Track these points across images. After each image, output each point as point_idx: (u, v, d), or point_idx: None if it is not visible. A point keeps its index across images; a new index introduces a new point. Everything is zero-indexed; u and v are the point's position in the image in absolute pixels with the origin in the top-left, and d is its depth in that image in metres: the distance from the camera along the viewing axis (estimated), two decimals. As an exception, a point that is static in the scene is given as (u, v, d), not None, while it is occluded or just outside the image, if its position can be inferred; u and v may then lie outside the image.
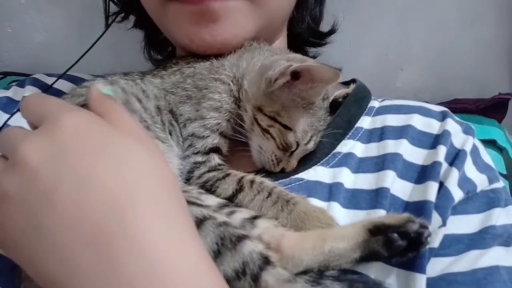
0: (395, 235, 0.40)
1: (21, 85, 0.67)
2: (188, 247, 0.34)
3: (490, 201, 0.48)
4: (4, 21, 1.03)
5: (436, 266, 0.44)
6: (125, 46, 0.84)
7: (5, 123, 0.60)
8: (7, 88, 0.68)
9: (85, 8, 1.00)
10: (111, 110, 0.39)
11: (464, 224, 0.46)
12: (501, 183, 0.51)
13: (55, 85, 0.67)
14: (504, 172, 0.84)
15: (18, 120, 0.58)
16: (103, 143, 0.35)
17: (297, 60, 0.49)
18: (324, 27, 0.76)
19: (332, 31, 0.75)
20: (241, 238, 0.39)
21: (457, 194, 0.47)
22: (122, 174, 0.34)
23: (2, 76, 1.03)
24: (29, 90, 0.66)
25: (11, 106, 0.63)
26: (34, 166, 0.33)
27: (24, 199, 0.33)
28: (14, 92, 0.66)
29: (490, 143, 0.85)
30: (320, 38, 0.75)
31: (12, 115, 0.60)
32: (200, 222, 0.40)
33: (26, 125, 0.41)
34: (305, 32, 0.71)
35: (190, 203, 0.41)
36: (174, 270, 0.31)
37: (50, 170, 0.33)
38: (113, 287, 0.30)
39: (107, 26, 0.71)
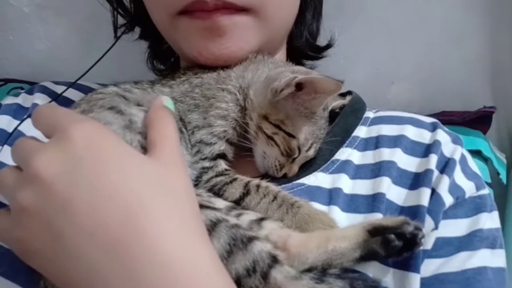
0: (392, 236, 0.43)
1: (30, 92, 0.69)
2: (200, 251, 0.36)
3: (477, 206, 0.51)
4: (7, 30, 1.04)
5: (429, 267, 0.47)
6: (127, 56, 0.87)
7: (15, 129, 0.61)
8: (16, 95, 0.69)
9: (87, 18, 1.02)
10: (161, 119, 0.43)
11: (454, 227, 0.50)
12: (486, 190, 0.54)
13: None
14: (489, 180, 0.88)
15: (28, 127, 0.60)
16: (113, 154, 0.37)
17: (301, 72, 0.52)
18: (321, 42, 0.80)
19: (329, 46, 0.79)
20: (251, 239, 0.42)
21: (448, 200, 0.50)
22: (131, 183, 0.36)
23: (3, 83, 1.04)
24: (38, 97, 0.67)
25: (21, 112, 0.65)
26: (47, 179, 0.35)
27: (42, 211, 0.35)
28: (23, 99, 0.67)
29: (475, 153, 0.89)
30: (317, 52, 0.79)
31: (22, 121, 0.62)
32: (214, 225, 0.42)
33: (34, 132, 0.42)
34: (304, 46, 0.75)
35: (204, 206, 0.44)
36: (187, 275, 0.34)
37: (64, 182, 0.35)
38: None
39: (117, 37, 0.74)
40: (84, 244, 0.34)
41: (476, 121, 0.96)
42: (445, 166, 0.53)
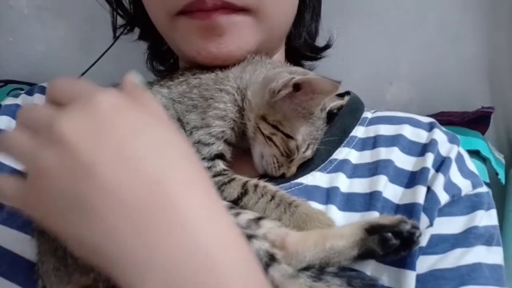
0: (390, 234, 0.43)
1: (30, 93, 0.69)
2: (219, 216, 0.36)
3: (473, 204, 0.52)
4: (7, 31, 1.05)
5: (424, 263, 0.47)
6: (126, 56, 0.87)
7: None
8: (16, 96, 0.70)
9: (86, 20, 1.03)
10: (142, 95, 0.41)
11: (450, 225, 0.50)
12: (484, 188, 0.54)
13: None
14: (487, 180, 0.89)
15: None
16: (137, 122, 0.37)
17: (299, 73, 0.52)
18: (320, 42, 0.80)
19: (327, 46, 0.79)
20: (249, 237, 0.42)
21: (443, 197, 0.51)
22: (157, 151, 0.36)
23: (3, 84, 1.05)
24: (38, 98, 0.67)
25: None
26: (72, 141, 0.34)
27: (64, 174, 0.34)
28: (23, 100, 0.68)
29: (474, 154, 0.90)
30: (316, 53, 0.79)
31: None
32: None
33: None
34: (302, 46, 0.75)
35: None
36: (209, 240, 0.34)
37: (89, 145, 0.34)
38: (151, 254, 0.32)
39: (115, 38, 0.74)
40: (103, 207, 0.33)
41: (474, 121, 0.97)
42: (441, 164, 0.53)
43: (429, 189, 0.51)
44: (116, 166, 0.34)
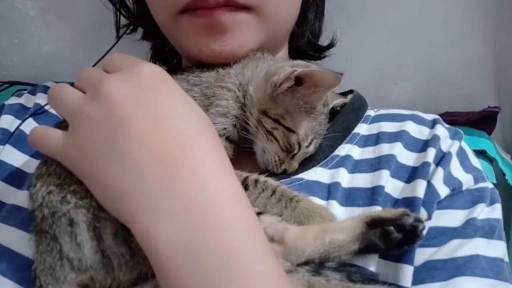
0: (391, 227, 0.42)
1: (33, 92, 0.70)
2: (230, 176, 0.42)
3: (474, 198, 0.51)
4: (12, 33, 1.06)
5: (421, 256, 0.47)
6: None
7: (17, 128, 0.62)
8: (19, 95, 0.70)
9: (90, 21, 1.04)
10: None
11: (449, 218, 0.49)
12: (488, 184, 0.54)
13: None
14: (494, 181, 0.87)
15: (30, 125, 0.61)
16: (171, 90, 0.44)
17: (301, 66, 0.51)
18: (323, 42, 0.80)
19: (330, 45, 0.79)
20: None
21: (443, 191, 0.50)
22: (182, 114, 0.42)
23: (8, 86, 1.05)
24: (41, 97, 0.68)
25: (23, 112, 0.65)
26: (115, 97, 0.41)
27: (104, 122, 0.40)
28: (26, 99, 0.68)
29: (480, 154, 0.88)
30: (319, 52, 0.79)
31: (23, 121, 0.63)
32: None
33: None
34: (305, 45, 0.75)
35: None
36: (221, 191, 0.39)
37: (129, 101, 0.41)
38: (168, 196, 0.37)
39: (118, 38, 0.74)
40: (134, 153, 0.39)
41: (480, 121, 0.96)
42: (441, 159, 0.53)
43: (428, 183, 0.50)
44: (149, 122, 0.40)
